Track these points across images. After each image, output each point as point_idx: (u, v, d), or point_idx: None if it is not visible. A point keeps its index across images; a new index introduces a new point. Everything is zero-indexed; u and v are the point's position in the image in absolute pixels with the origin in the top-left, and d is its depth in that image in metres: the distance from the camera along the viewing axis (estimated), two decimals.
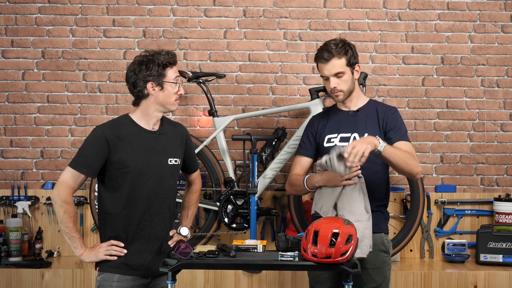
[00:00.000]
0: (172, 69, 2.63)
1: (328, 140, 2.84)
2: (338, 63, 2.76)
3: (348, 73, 2.78)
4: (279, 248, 2.57)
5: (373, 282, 2.74)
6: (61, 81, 4.13)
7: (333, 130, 2.85)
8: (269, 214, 3.76)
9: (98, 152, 2.54)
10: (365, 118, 2.82)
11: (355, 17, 4.15)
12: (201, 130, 4.10)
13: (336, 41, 2.79)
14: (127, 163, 2.55)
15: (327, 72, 2.77)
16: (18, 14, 4.11)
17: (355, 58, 2.81)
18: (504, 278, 3.60)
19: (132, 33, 4.13)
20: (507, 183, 4.15)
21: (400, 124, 2.81)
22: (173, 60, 2.63)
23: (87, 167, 2.54)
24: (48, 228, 3.99)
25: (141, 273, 2.60)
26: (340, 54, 2.76)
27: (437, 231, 4.03)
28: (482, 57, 4.16)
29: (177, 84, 2.64)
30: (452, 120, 4.15)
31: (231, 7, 4.14)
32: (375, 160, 2.72)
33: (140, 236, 2.59)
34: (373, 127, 2.79)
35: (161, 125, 2.69)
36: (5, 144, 4.11)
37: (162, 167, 2.62)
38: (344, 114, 2.87)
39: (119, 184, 2.56)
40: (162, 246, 2.64)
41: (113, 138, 2.55)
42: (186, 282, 3.58)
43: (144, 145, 2.60)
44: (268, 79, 4.13)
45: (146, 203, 2.58)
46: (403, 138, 2.78)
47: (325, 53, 2.76)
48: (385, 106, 2.90)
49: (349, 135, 2.80)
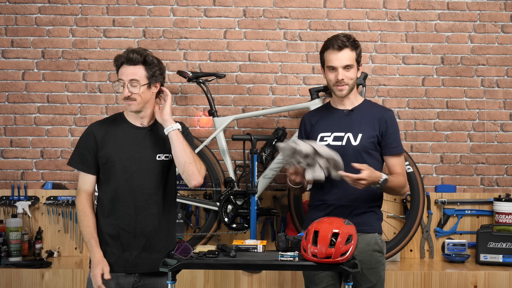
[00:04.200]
0: (121, 69, 2.59)
1: (321, 139, 2.81)
2: (350, 54, 2.74)
3: (355, 69, 2.77)
4: (279, 248, 2.57)
5: (368, 282, 2.73)
6: (61, 81, 4.13)
7: (326, 128, 2.82)
8: (269, 214, 3.76)
9: (88, 148, 2.64)
10: (360, 118, 2.80)
11: (355, 17, 4.15)
12: (201, 130, 4.10)
13: (347, 35, 2.78)
14: (112, 158, 2.61)
15: (338, 62, 2.73)
16: (18, 14, 4.11)
17: (360, 56, 2.81)
18: (504, 278, 3.60)
19: (132, 33, 4.13)
20: (507, 183, 4.15)
21: (396, 132, 2.82)
22: (122, 61, 2.58)
23: (81, 163, 2.64)
24: (48, 228, 3.99)
25: (127, 269, 2.61)
26: (353, 47, 2.76)
27: (437, 231, 4.03)
28: (482, 57, 4.16)
29: (118, 85, 2.59)
30: (452, 120, 4.15)
31: (231, 7, 4.14)
32: (368, 161, 2.73)
33: (125, 231, 2.61)
34: (367, 128, 2.78)
35: (154, 121, 2.71)
36: (5, 144, 4.11)
37: (149, 163, 2.64)
38: (338, 113, 2.84)
39: (106, 178, 2.63)
40: (149, 243, 2.64)
41: (100, 134, 2.63)
42: (186, 282, 3.58)
43: (130, 140, 2.65)
44: (268, 79, 4.13)
45: (131, 198, 2.60)
46: (398, 150, 2.81)
47: (339, 41, 2.74)
48: (381, 108, 2.89)
49: (343, 135, 2.78)
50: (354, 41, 2.78)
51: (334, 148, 2.68)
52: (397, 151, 2.81)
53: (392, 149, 2.80)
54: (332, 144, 2.76)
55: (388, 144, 2.79)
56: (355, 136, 2.76)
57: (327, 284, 2.79)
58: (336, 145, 2.76)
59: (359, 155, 2.75)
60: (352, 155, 2.73)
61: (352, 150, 2.75)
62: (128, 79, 2.56)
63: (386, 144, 2.79)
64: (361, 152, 2.75)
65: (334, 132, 2.80)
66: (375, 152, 2.79)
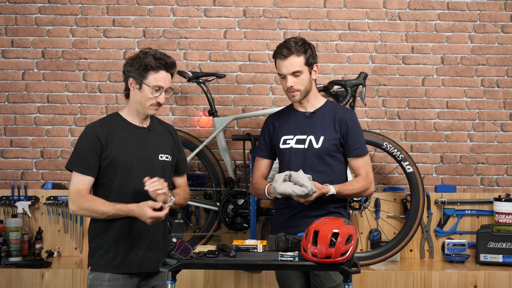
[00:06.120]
0: (156, 74, 2.58)
1: (284, 142, 2.82)
2: (296, 61, 2.73)
3: (306, 73, 2.76)
4: (279, 248, 2.57)
5: (332, 281, 2.73)
6: (61, 81, 4.13)
7: (289, 131, 2.83)
8: (269, 214, 3.76)
9: (91, 150, 2.58)
10: (322, 120, 2.80)
11: (355, 17, 4.15)
12: (201, 130, 4.10)
13: (296, 39, 2.77)
14: (118, 158, 2.58)
15: (285, 70, 2.74)
16: (18, 14, 4.11)
17: (314, 58, 2.78)
18: (504, 278, 3.59)
19: (132, 33, 4.13)
20: (507, 183, 4.15)
21: (358, 133, 2.81)
22: (158, 65, 2.58)
23: (81, 165, 2.57)
24: (48, 228, 3.99)
25: (133, 269, 2.60)
26: (299, 52, 2.73)
27: (437, 231, 4.03)
28: (482, 57, 4.16)
29: (155, 90, 2.59)
30: (452, 120, 4.15)
31: (231, 7, 4.14)
32: (331, 163, 2.74)
33: (131, 231, 2.60)
34: (329, 130, 2.78)
35: (151, 122, 2.73)
36: (5, 144, 4.11)
37: (153, 163, 2.64)
38: (300, 115, 2.85)
39: (110, 179, 2.59)
40: (153, 242, 2.64)
41: (103, 134, 2.59)
42: (186, 282, 3.58)
43: (134, 140, 2.64)
44: (268, 79, 4.13)
45: (136, 198, 2.58)
46: (360, 151, 2.81)
47: (284, 49, 2.73)
48: (342, 109, 2.89)
49: (305, 137, 2.79)
50: (303, 45, 2.75)
51: (296, 151, 2.74)
52: (359, 153, 2.81)
53: (354, 150, 2.80)
54: (294, 147, 2.78)
55: (350, 145, 2.80)
56: (317, 139, 2.77)
57: (301, 285, 2.82)
58: (299, 148, 2.78)
59: (321, 158, 2.76)
60: (315, 158, 2.75)
61: (314, 153, 2.76)
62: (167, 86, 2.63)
63: (348, 146, 2.80)
64: (323, 155, 2.76)
65: (296, 135, 2.81)
66: (338, 154, 2.80)
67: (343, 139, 2.79)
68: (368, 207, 3.90)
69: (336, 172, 2.81)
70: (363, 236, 4.01)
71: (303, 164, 2.75)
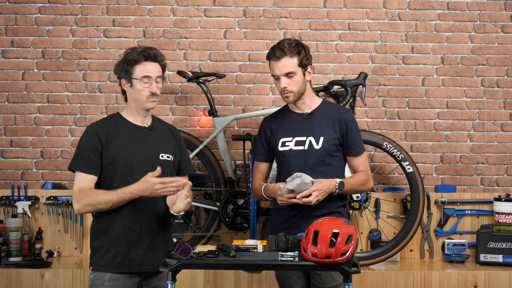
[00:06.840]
0: (141, 66, 2.60)
1: (283, 144, 2.82)
2: (289, 62, 2.73)
3: (299, 74, 2.75)
4: (279, 248, 2.57)
5: (334, 281, 2.72)
6: (61, 81, 4.13)
7: (287, 133, 2.83)
8: (269, 214, 3.76)
9: (92, 149, 2.59)
10: (320, 120, 2.81)
11: (355, 17, 4.15)
12: (201, 130, 4.10)
13: (290, 41, 2.77)
14: (118, 157, 2.59)
15: (278, 71, 2.74)
16: (18, 14, 4.11)
17: (308, 59, 2.78)
18: (504, 278, 3.59)
19: (132, 33, 4.13)
20: (507, 183, 4.15)
21: (357, 132, 2.83)
22: (141, 57, 2.60)
23: (84, 165, 2.58)
24: (48, 228, 3.99)
25: (133, 268, 2.60)
26: (293, 54, 2.73)
27: (437, 231, 4.03)
28: (482, 57, 4.16)
29: (143, 82, 2.60)
30: (452, 120, 4.15)
31: (231, 7, 4.14)
32: (332, 163, 2.74)
33: (131, 230, 2.59)
34: (328, 131, 2.78)
35: (152, 121, 2.73)
36: (5, 144, 4.11)
37: (153, 162, 2.63)
38: (297, 117, 2.84)
39: (111, 178, 2.60)
40: (153, 242, 2.64)
41: (104, 134, 2.61)
42: (186, 282, 3.58)
43: (135, 139, 2.64)
44: (268, 79, 4.13)
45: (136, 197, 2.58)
46: (359, 150, 2.83)
47: (277, 51, 2.74)
48: (340, 108, 2.90)
49: (304, 139, 2.79)
50: (296, 46, 2.75)
51: (296, 152, 2.75)
52: (359, 151, 2.83)
53: (354, 149, 2.82)
54: (294, 148, 2.79)
55: (350, 144, 2.81)
56: (317, 139, 2.77)
57: (301, 285, 2.82)
58: (299, 149, 2.78)
59: (322, 158, 2.77)
60: (316, 159, 2.76)
61: (315, 154, 2.76)
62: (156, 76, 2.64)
63: (348, 145, 2.81)
64: (324, 155, 2.77)
65: (295, 136, 2.81)
66: (338, 153, 2.81)
67: (342, 138, 2.80)
68: (368, 207, 3.89)
69: (336, 171, 2.81)
70: (363, 236, 4.01)
71: (304, 166, 2.75)
